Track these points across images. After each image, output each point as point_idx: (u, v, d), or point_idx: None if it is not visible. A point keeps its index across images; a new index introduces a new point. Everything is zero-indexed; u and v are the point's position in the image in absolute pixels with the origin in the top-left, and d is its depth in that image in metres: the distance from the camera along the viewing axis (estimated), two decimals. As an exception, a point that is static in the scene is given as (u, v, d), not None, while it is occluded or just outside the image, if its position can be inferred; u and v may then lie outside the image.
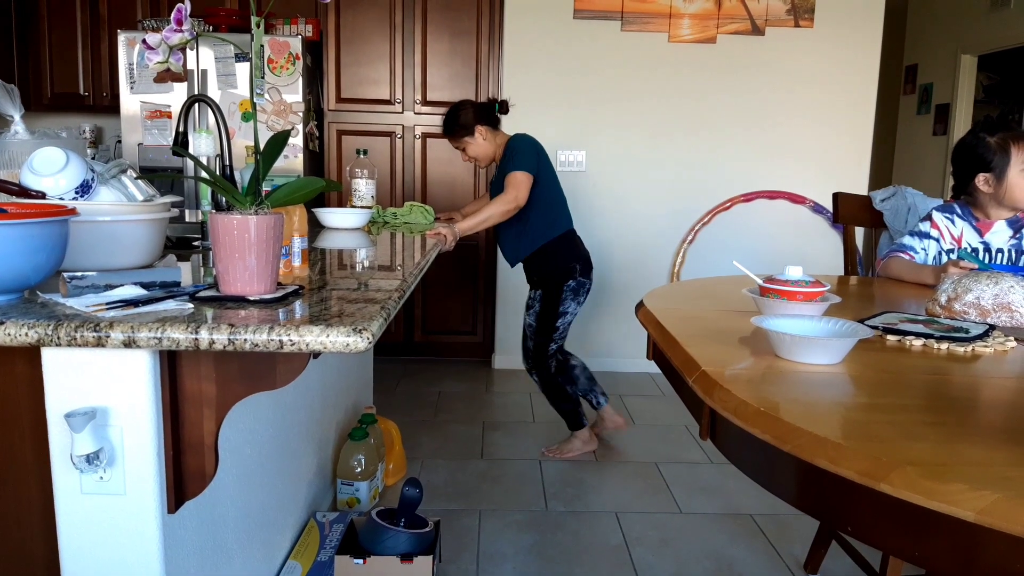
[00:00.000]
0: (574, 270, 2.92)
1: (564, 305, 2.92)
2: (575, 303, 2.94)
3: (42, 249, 1.11)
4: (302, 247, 1.58)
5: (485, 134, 2.88)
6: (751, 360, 1.08)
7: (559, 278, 2.90)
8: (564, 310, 2.92)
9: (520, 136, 2.87)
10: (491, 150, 2.91)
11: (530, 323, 2.98)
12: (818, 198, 4.23)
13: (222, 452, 1.39)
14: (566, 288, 2.91)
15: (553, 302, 2.92)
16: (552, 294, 2.91)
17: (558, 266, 2.91)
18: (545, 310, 2.93)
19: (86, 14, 4.23)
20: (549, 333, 2.94)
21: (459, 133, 2.88)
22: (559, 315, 2.92)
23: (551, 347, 2.97)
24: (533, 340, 2.97)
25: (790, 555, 2.34)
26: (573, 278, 2.91)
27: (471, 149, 2.91)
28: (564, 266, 2.91)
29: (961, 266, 1.79)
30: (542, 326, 2.94)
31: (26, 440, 1.13)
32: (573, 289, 2.92)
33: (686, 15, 4.08)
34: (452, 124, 2.89)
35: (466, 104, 2.89)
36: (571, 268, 2.91)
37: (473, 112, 2.86)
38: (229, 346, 1.01)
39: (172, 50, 1.22)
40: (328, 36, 4.12)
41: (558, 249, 2.92)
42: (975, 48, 5.43)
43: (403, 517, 2.05)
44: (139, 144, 3.82)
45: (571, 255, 2.93)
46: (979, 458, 0.74)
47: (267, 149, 1.22)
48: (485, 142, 2.89)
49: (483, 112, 2.88)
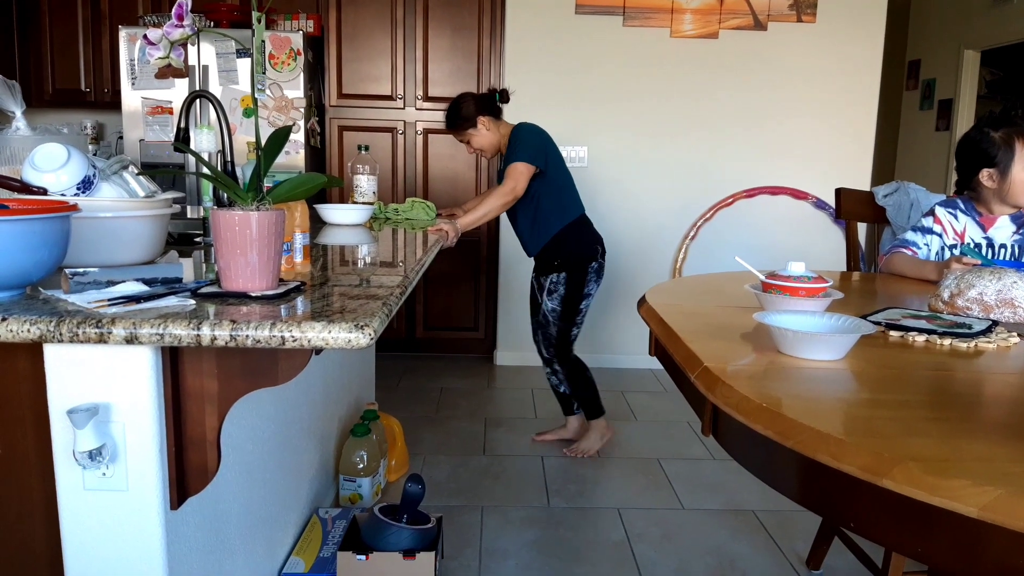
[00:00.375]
0: (596, 252, 2.95)
1: (588, 287, 2.94)
2: (596, 284, 2.97)
3: (44, 245, 1.11)
4: (304, 243, 1.58)
5: (488, 124, 2.88)
6: (753, 356, 1.08)
7: (584, 260, 2.92)
8: (588, 292, 2.95)
9: (524, 125, 2.87)
10: (495, 140, 2.91)
11: (553, 308, 2.96)
12: (820, 194, 4.22)
13: (224, 448, 1.39)
14: (590, 269, 2.93)
15: (579, 284, 2.93)
16: (578, 275, 2.92)
17: (581, 248, 2.93)
18: (571, 292, 2.93)
19: (87, 10, 4.23)
20: (573, 317, 2.95)
21: (462, 126, 2.88)
22: (584, 296, 2.94)
23: (574, 331, 2.98)
24: (557, 326, 2.97)
25: (792, 551, 2.34)
26: (595, 260, 2.94)
27: (476, 141, 2.91)
28: (588, 248, 2.94)
29: (964, 262, 1.79)
30: (567, 310, 2.94)
31: (29, 437, 1.13)
32: (596, 271, 2.95)
33: (688, 10, 4.07)
34: (454, 117, 2.89)
35: (467, 96, 2.89)
36: (595, 250, 2.95)
37: (474, 103, 2.86)
38: (231, 342, 1.01)
39: (173, 46, 1.22)
40: (329, 32, 4.12)
41: (578, 232, 2.94)
42: (978, 43, 5.41)
43: (405, 513, 2.06)
44: (140, 140, 3.81)
45: (592, 237, 2.97)
46: (982, 454, 0.74)
47: (268, 145, 1.22)
48: (489, 132, 2.89)
49: (484, 103, 2.88)
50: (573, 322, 2.96)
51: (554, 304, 2.96)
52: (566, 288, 2.93)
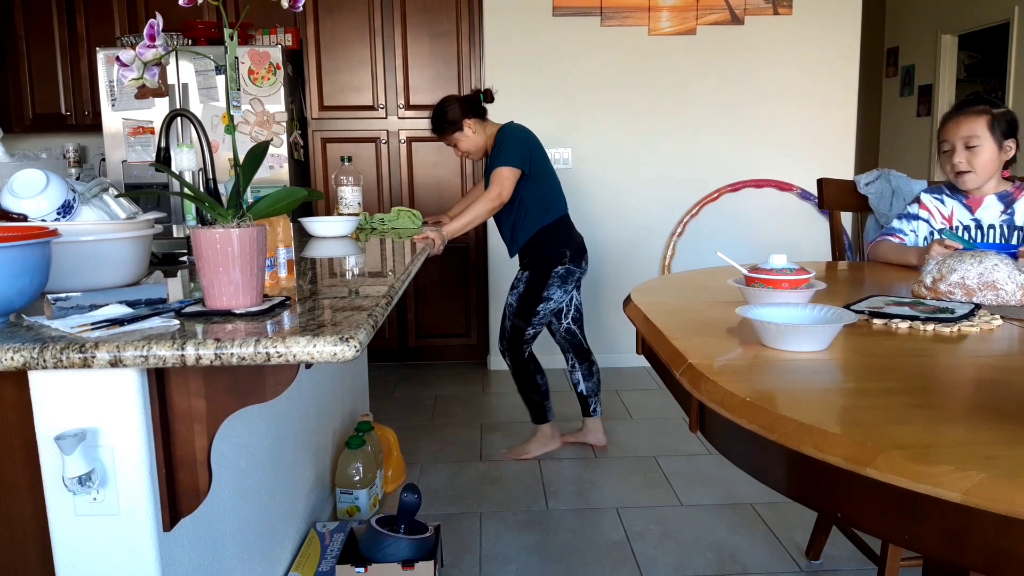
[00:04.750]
0: (563, 256, 2.90)
1: (549, 291, 2.90)
2: (562, 290, 2.92)
3: (25, 272, 1.11)
4: (288, 258, 1.58)
5: (474, 127, 2.87)
6: (738, 350, 1.09)
7: (548, 263, 2.89)
8: (548, 296, 2.90)
9: (509, 126, 2.87)
10: (482, 142, 2.90)
11: (511, 303, 2.95)
12: (805, 185, 4.24)
13: (216, 467, 1.39)
14: (554, 274, 2.89)
15: (538, 286, 2.90)
16: (539, 278, 2.90)
17: (548, 251, 2.90)
18: (529, 292, 2.91)
19: (64, 33, 4.22)
20: (528, 317, 2.92)
21: (448, 130, 2.87)
22: (542, 299, 2.90)
23: (528, 331, 2.94)
24: (511, 321, 2.94)
25: (791, 542, 2.35)
26: (562, 264, 2.90)
27: (463, 144, 2.90)
28: (555, 251, 2.90)
29: (946, 245, 1.80)
30: (523, 308, 2.92)
31: (17, 464, 1.13)
32: (561, 276, 2.90)
33: (665, 8, 4.08)
34: (440, 121, 2.88)
35: (451, 100, 2.88)
36: (561, 254, 2.90)
37: (460, 106, 2.85)
38: (216, 361, 1.01)
39: (147, 66, 1.21)
40: (308, 44, 4.11)
41: (551, 234, 2.91)
42: (955, 28, 5.45)
43: (403, 523, 2.05)
44: (123, 161, 3.80)
45: (562, 241, 2.92)
46: (964, 439, 0.74)
47: (247, 161, 1.22)
48: (475, 135, 2.88)
49: (469, 105, 2.87)
50: (528, 322, 2.92)
51: (512, 299, 2.95)
52: (525, 285, 2.92)
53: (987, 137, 1.94)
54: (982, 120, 1.94)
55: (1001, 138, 1.95)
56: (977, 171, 1.96)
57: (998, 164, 1.97)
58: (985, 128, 1.94)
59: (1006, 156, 1.97)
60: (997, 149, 1.95)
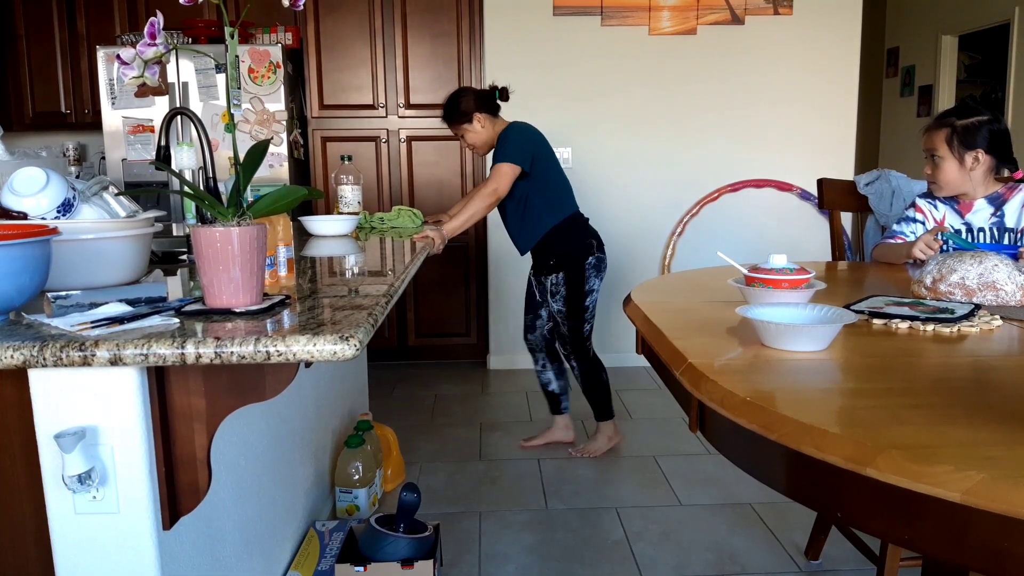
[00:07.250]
0: (591, 246, 2.93)
1: (589, 283, 2.93)
2: (598, 279, 2.95)
3: (25, 270, 1.11)
4: (288, 256, 1.58)
5: (483, 122, 2.87)
6: (738, 350, 1.09)
7: (578, 257, 2.91)
8: (590, 288, 2.93)
9: (515, 125, 2.87)
10: (488, 138, 2.90)
11: (559, 309, 2.95)
12: (805, 185, 4.24)
13: (216, 466, 1.39)
14: (587, 266, 2.91)
15: (578, 282, 2.91)
16: (575, 274, 2.91)
17: (574, 245, 2.92)
18: (572, 291, 2.92)
19: (64, 32, 4.21)
20: (581, 314, 2.94)
21: (458, 119, 2.87)
22: (585, 294, 2.92)
23: (586, 328, 2.97)
24: (566, 325, 2.96)
25: (791, 542, 2.35)
26: (592, 254, 2.92)
27: (469, 137, 2.90)
28: (580, 244, 2.92)
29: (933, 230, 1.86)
30: (572, 308, 2.93)
31: (17, 463, 1.13)
32: (594, 266, 2.93)
33: (665, 7, 4.08)
34: (452, 110, 2.88)
35: (467, 91, 2.88)
36: (588, 245, 2.92)
37: (474, 99, 2.85)
38: (216, 359, 1.01)
39: (147, 64, 1.21)
40: (308, 43, 4.11)
41: (569, 230, 2.92)
42: (955, 28, 5.46)
43: (402, 522, 2.05)
44: (123, 160, 3.80)
45: (585, 233, 2.95)
46: (964, 439, 0.74)
47: (247, 160, 1.22)
48: (483, 130, 2.88)
49: (483, 99, 2.87)
50: (582, 319, 2.95)
51: (559, 305, 2.96)
52: (566, 288, 2.93)
53: (946, 151, 1.97)
54: (941, 135, 1.98)
55: (962, 150, 1.95)
56: (939, 183, 2.01)
57: (964, 176, 1.97)
58: (943, 143, 1.97)
59: (978, 167, 1.96)
60: (957, 163, 1.96)
